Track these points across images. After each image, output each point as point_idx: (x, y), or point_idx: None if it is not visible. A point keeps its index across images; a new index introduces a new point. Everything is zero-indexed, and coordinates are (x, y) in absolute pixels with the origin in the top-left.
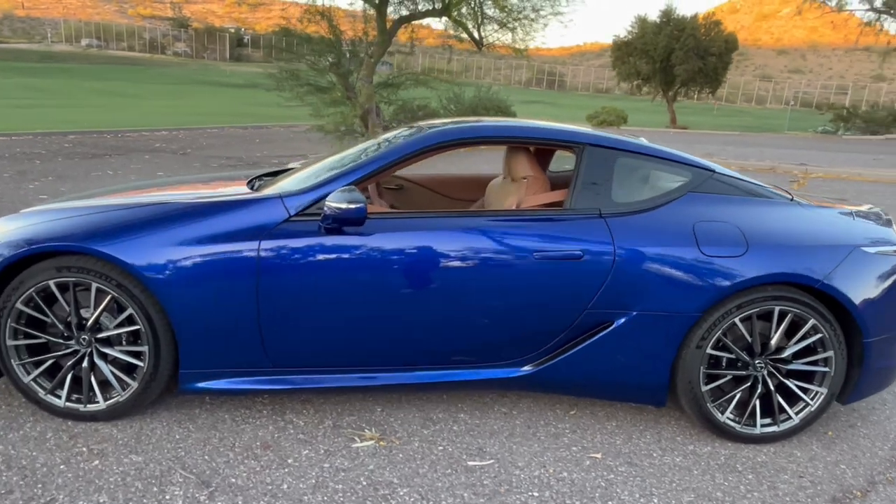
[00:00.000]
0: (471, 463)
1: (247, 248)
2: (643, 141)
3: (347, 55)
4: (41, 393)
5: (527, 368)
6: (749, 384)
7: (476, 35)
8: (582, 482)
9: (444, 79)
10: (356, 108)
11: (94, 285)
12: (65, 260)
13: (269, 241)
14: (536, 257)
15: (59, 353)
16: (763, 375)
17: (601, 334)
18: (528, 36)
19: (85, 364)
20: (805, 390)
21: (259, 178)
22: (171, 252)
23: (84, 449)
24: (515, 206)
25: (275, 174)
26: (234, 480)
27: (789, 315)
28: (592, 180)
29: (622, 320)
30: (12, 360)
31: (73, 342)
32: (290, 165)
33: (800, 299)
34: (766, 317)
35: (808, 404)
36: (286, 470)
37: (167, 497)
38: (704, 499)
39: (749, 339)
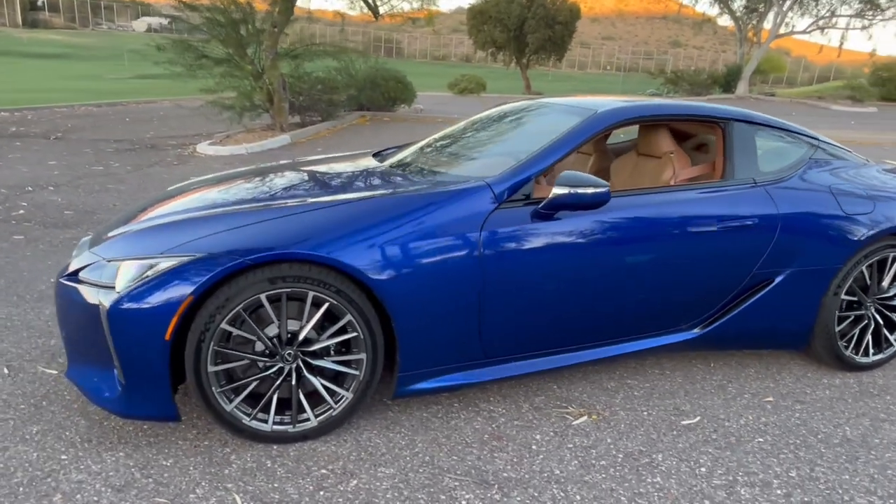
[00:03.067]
0: (684, 422)
1: (468, 239)
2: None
3: (248, 24)
4: (245, 419)
5: (696, 331)
6: (865, 322)
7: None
8: (783, 423)
9: (355, 50)
10: (261, 81)
11: (311, 294)
12: (277, 269)
13: (489, 230)
14: (720, 226)
15: (262, 373)
16: (872, 313)
17: (762, 292)
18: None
19: (293, 381)
20: None
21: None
22: (393, 250)
23: (324, 471)
24: (671, 180)
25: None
26: (505, 475)
27: None
28: (741, 152)
29: (780, 278)
30: (213, 388)
31: (276, 359)
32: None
33: None
34: (881, 263)
35: None
36: (541, 456)
37: (458, 501)
38: (877, 420)
39: (868, 283)
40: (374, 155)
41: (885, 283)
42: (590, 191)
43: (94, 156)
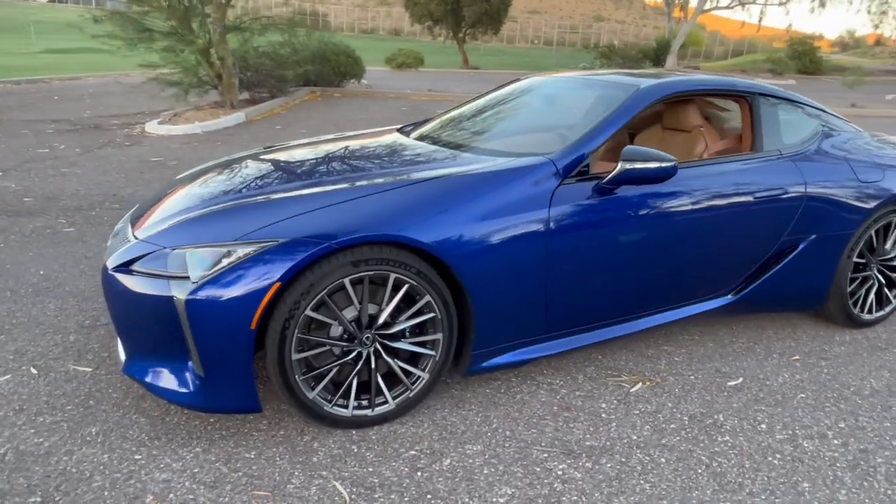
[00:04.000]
0: (730, 383)
1: (537, 215)
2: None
3: None
4: (326, 406)
5: (729, 297)
6: (870, 282)
7: None
8: (815, 379)
9: (305, 24)
10: (209, 56)
11: (392, 276)
12: (360, 252)
13: (556, 205)
14: (759, 196)
15: (341, 359)
16: (875, 274)
17: (788, 258)
18: None
19: (373, 364)
20: None
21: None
22: (469, 229)
23: (413, 452)
24: (703, 153)
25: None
26: (588, 443)
27: None
28: (767, 126)
29: (804, 244)
30: (296, 376)
31: (355, 343)
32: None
33: None
34: (886, 227)
35: None
36: (613, 424)
37: (558, 473)
38: (894, 372)
39: (874, 246)
40: (399, 131)
41: (888, 245)
42: (657, 165)
43: (35, 137)
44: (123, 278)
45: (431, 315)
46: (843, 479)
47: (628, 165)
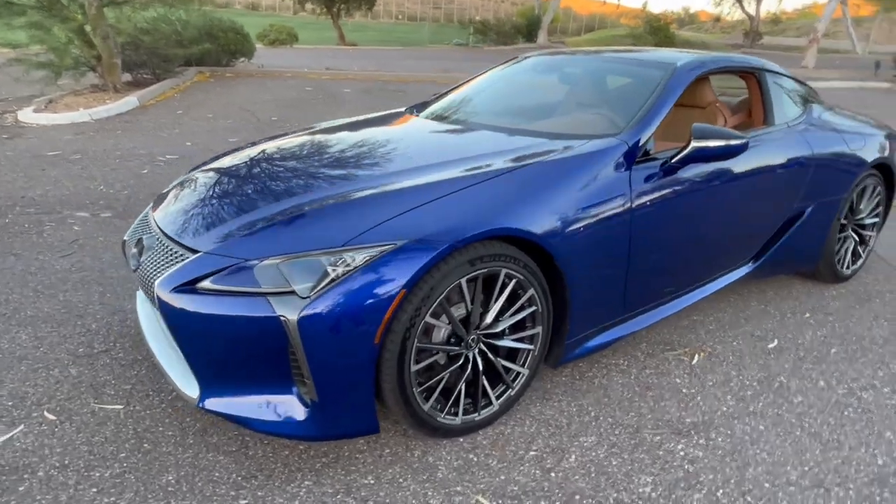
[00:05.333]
0: (769, 346)
1: (621, 196)
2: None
3: None
4: (439, 417)
5: (750, 265)
6: (849, 241)
7: None
8: (834, 333)
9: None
10: (84, 34)
11: (504, 272)
12: (474, 249)
13: (634, 186)
14: (784, 165)
15: (452, 365)
16: (851, 233)
17: (796, 224)
18: None
19: (480, 366)
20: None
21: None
22: (566, 216)
23: (533, 453)
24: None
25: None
26: (688, 420)
27: (878, 188)
28: (775, 100)
29: (809, 210)
30: (414, 388)
31: (461, 347)
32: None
33: (878, 175)
34: (863, 190)
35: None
36: (698, 398)
37: (680, 454)
38: (889, 320)
39: (854, 208)
40: (417, 114)
41: (863, 206)
42: (728, 143)
43: None
44: (194, 300)
45: (533, 309)
46: None
47: (700, 143)
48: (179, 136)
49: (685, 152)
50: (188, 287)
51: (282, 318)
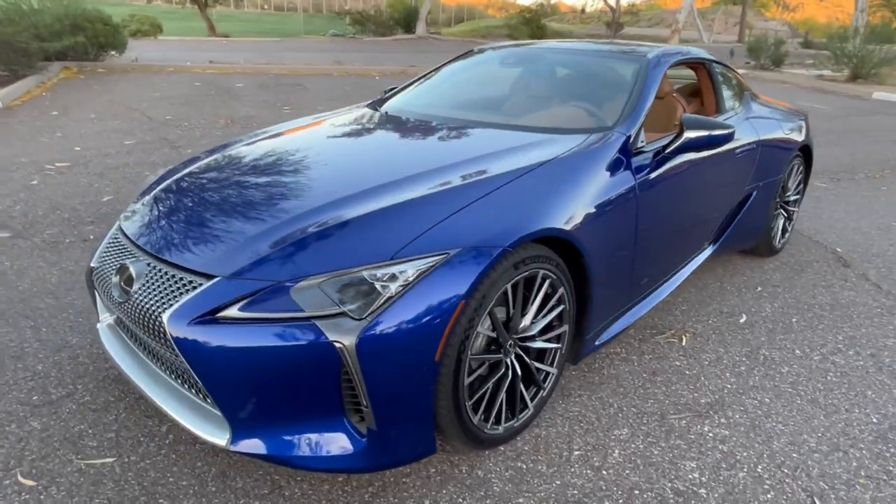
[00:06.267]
0: (740, 321)
1: (628, 187)
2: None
3: None
4: (486, 429)
5: (711, 246)
6: (780, 217)
7: None
8: (787, 303)
9: None
10: None
11: (541, 273)
12: (517, 253)
13: (636, 175)
14: (743, 151)
15: (494, 373)
16: (781, 210)
17: (746, 206)
18: None
19: (519, 371)
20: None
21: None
22: (587, 212)
23: (577, 452)
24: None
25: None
26: (703, 400)
27: (801, 167)
28: (724, 89)
29: (756, 192)
30: (467, 402)
31: (501, 354)
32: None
33: (801, 155)
34: (791, 170)
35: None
36: (702, 378)
37: (709, 435)
38: (826, 287)
39: (785, 187)
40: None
41: (790, 185)
42: (718, 132)
43: None
44: (221, 332)
45: (561, 308)
46: (887, 384)
47: (693, 134)
48: (64, 140)
49: (679, 142)
50: (208, 318)
51: (336, 343)
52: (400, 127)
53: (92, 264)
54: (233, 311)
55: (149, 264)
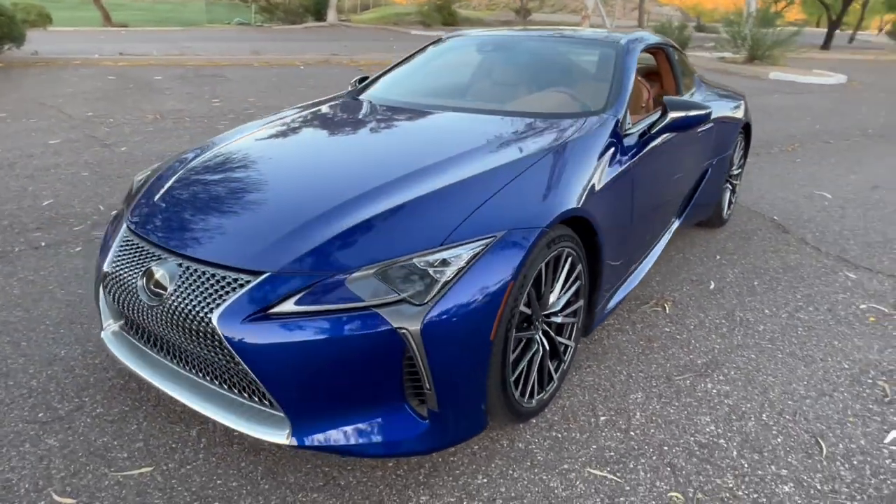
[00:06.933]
0: (710, 287)
1: (625, 165)
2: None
3: None
4: (524, 403)
5: (678, 220)
6: (727, 191)
7: None
8: (744, 269)
9: None
10: None
11: (566, 251)
12: (550, 233)
13: (630, 154)
14: (702, 129)
15: (527, 348)
16: (727, 183)
17: (705, 180)
18: None
19: (546, 346)
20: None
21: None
22: (596, 190)
23: (604, 418)
24: (649, 100)
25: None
26: (699, 361)
27: (743, 143)
28: (681, 72)
29: (712, 167)
30: (511, 378)
31: (532, 330)
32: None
33: (743, 132)
34: (735, 147)
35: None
36: (692, 341)
37: (713, 391)
38: (773, 252)
39: (731, 162)
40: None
41: (735, 160)
42: (697, 112)
43: None
44: (280, 328)
45: (578, 283)
46: (847, 333)
47: (676, 114)
48: None
49: (665, 122)
50: (261, 315)
51: (401, 330)
52: (403, 116)
53: (105, 269)
54: (288, 306)
55: (180, 265)
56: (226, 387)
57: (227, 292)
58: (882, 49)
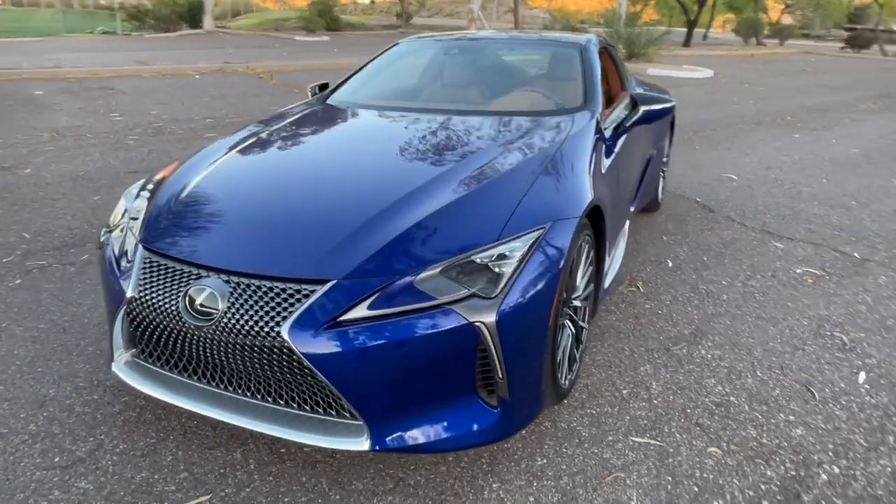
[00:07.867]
0: (669, 265)
1: (612, 158)
2: None
3: None
4: (564, 384)
5: (633, 205)
6: (661, 179)
7: None
8: (694, 247)
9: None
10: None
11: (587, 239)
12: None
13: (611, 143)
14: (648, 121)
15: (561, 332)
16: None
17: (648, 169)
18: None
19: (573, 329)
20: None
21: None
22: (599, 178)
23: (627, 391)
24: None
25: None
26: (687, 331)
27: (670, 132)
28: (621, 70)
29: (653, 157)
30: (558, 361)
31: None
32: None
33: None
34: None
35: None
36: (673, 314)
37: (708, 357)
38: (708, 229)
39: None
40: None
41: (664, 148)
42: (663, 106)
43: None
44: (355, 334)
45: (590, 269)
46: (794, 294)
47: (647, 107)
48: None
49: (638, 115)
50: (332, 323)
51: (477, 323)
52: (407, 120)
53: (129, 295)
54: (360, 312)
55: (227, 281)
56: (283, 401)
57: (292, 304)
58: (732, 45)
